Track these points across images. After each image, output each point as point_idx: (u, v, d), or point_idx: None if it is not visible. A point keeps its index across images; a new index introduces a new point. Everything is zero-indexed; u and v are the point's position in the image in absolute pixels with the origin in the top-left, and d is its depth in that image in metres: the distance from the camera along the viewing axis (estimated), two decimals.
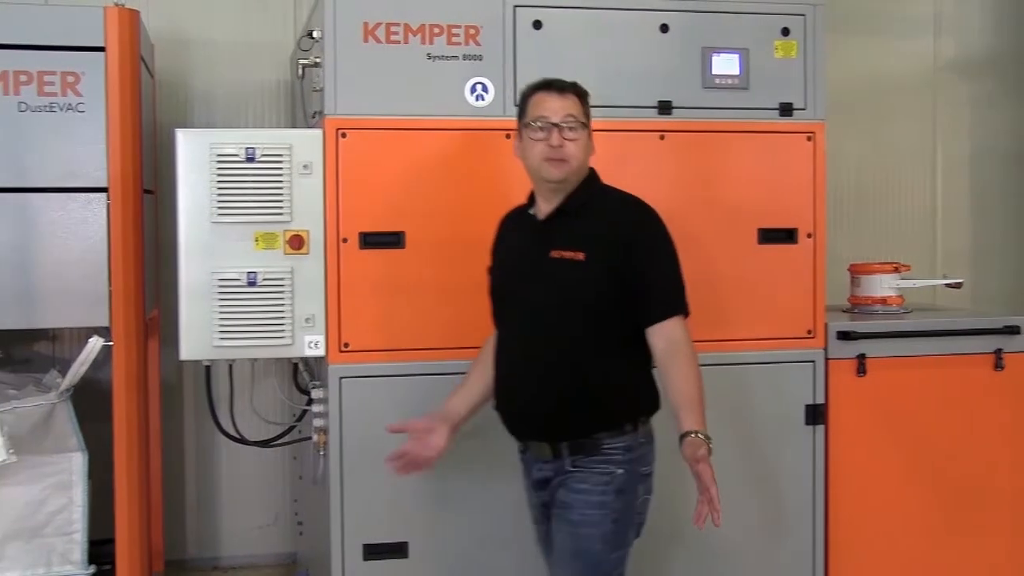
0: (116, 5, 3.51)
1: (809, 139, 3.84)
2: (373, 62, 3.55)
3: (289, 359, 3.84)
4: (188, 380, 4.62)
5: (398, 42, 3.57)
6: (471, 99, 3.61)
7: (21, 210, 3.45)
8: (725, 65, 3.78)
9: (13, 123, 3.41)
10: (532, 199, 3.05)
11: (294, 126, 4.27)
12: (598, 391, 2.88)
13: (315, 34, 3.66)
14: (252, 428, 4.10)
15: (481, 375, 3.11)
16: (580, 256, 2.86)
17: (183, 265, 3.52)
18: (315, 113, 3.74)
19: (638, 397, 2.96)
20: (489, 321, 3.12)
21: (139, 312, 3.57)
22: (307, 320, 3.51)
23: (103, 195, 3.47)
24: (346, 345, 3.52)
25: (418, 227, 3.55)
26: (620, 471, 2.87)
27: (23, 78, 3.42)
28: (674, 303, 2.92)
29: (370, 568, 3.53)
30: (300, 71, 3.84)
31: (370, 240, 3.52)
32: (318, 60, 3.62)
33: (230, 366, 4.03)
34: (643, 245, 2.91)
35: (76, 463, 3.49)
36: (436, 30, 3.60)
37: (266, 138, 3.55)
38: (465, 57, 3.61)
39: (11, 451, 3.32)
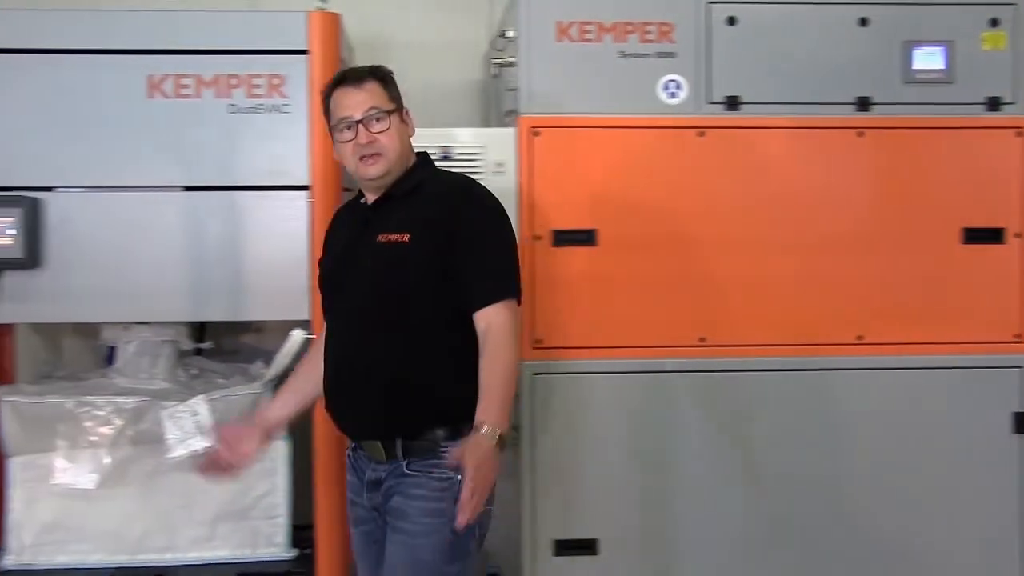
0: (319, 9, 3.62)
1: (1019, 134, 3.67)
2: (566, 61, 3.58)
3: None
4: None
5: (591, 40, 3.59)
6: (664, 96, 3.60)
7: (230, 207, 3.57)
8: (928, 59, 3.65)
9: (223, 124, 3.53)
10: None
11: (487, 125, 4.34)
12: (429, 384, 2.69)
13: (509, 34, 3.71)
14: None
15: (306, 376, 3.00)
16: (405, 238, 2.69)
17: None
18: (508, 112, 3.79)
19: (471, 394, 2.64)
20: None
21: None
22: None
23: (305, 193, 3.56)
24: (539, 341, 3.55)
25: (610, 225, 3.56)
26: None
27: (233, 81, 3.54)
28: (496, 288, 2.71)
29: (560, 564, 3.56)
30: (495, 70, 3.90)
31: (563, 238, 3.54)
32: (512, 59, 3.67)
33: None
34: (466, 227, 2.71)
35: (280, 450, 3.62)
36: (629, 28, 3.59)
37: (460, 137, 3.63)
38: (658, 55, 3.59)
39: None
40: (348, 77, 2.80)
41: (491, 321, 2.67)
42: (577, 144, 3.57)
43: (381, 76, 2.82)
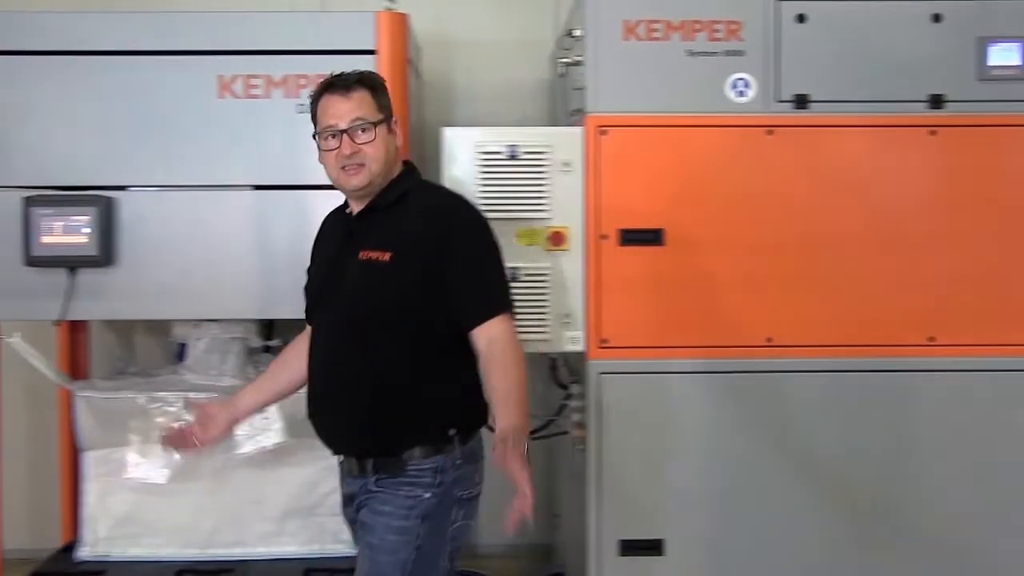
0: (387, 9, 3.64)
1: None
2: (633, 59, 3.56)
3: (547, 354, 3.88)
4: None
5: (658, 39, 3.56)
6: (732, 95, 3.56)
7: (298, 206, 3.61)
8: (1003, 55, 3.57)
9: (292, 124, 3.55)
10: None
11: (554, 124, 4.34)
12: (405, 404, 2.65)
13: (575, 33, 3.71)
14: None
15: (284, 367, 2.99)
16: (386, 257, 2.64)
17: None
18: (575, 111, 3.78)
19: (453, 412, 2.69)
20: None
21: None
22: (567, 316, 3.55)
23: None
24: (605, 341, 3.54)
25: (677, 224, 3.53)
26: (428, 495, 2.64)
27: (302, 81, 3.58)
28: (493, 304, 2.67)
29: (625, 564, 3.55)
30: (561, 69, 3.89)
31: (629, 237, 3.53)
32: (579, 58, 3.66)
33: None
34: (455, 245, 2.66)
35: None
36: (697, 26, 3.57)
37: (528, 136, 3.62)
38: (726, 53, 3.56)
39: (288, 434, 3.55)
40: (336, 84, 2.72)
41: (491, 334, 2.64)
42: (644, 143, 3.56)
43: (371, 84, 2.74)
